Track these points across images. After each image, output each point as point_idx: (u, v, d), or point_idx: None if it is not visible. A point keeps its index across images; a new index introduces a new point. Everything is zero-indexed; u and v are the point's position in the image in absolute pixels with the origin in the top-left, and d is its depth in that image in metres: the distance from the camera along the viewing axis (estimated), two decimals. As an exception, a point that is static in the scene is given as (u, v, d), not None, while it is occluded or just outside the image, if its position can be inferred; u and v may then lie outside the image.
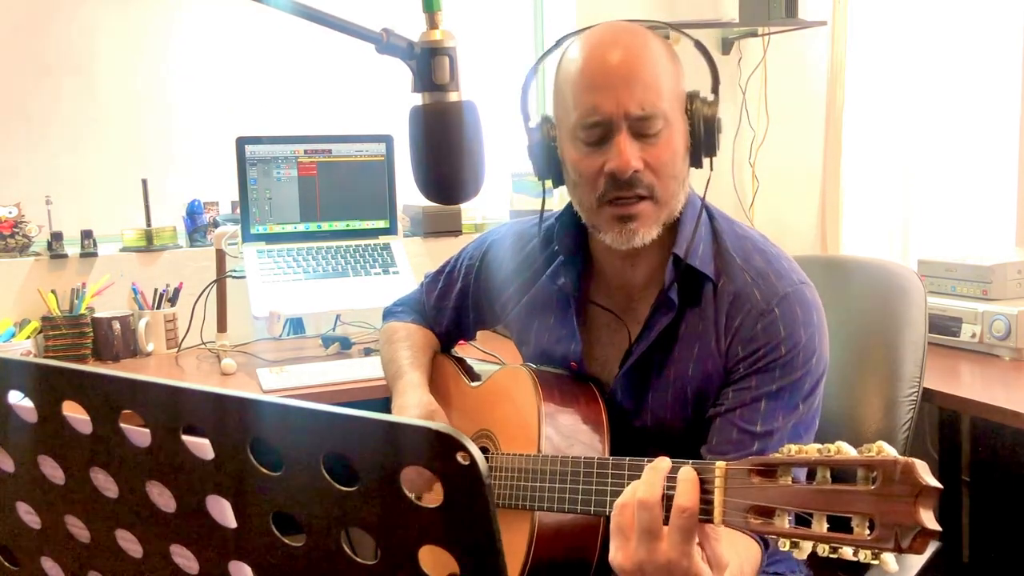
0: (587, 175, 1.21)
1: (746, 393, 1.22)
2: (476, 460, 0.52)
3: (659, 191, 1.20)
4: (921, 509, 0.77)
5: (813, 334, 1.23)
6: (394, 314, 1.69)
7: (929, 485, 0.77)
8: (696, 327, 1.27)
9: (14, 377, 0.68)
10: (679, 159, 1.22)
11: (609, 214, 1.22)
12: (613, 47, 1.19)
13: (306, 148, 2.39)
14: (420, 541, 0.56)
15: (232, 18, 2.70)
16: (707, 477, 0.93)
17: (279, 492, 0.59)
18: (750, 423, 1.21)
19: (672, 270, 1.25)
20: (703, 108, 1.23)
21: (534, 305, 1.44)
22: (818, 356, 1.24)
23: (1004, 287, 2.13)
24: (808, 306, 1.24)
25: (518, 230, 1.51)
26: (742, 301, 1.24)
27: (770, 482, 0.88)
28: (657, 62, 1.20)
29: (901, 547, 0.78)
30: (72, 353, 2.27)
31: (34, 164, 2.56)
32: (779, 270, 1.26)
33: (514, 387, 1.35)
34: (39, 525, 0.71)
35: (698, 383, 1.27)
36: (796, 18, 2.76)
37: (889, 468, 0.79)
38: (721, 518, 0.91)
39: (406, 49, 0.93)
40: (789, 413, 1.22)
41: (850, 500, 0.81)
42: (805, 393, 1.23)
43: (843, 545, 0.81)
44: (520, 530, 1.23)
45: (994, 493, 2.56)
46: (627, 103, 1.16)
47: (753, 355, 1.22)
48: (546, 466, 1.21)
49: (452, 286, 1.59)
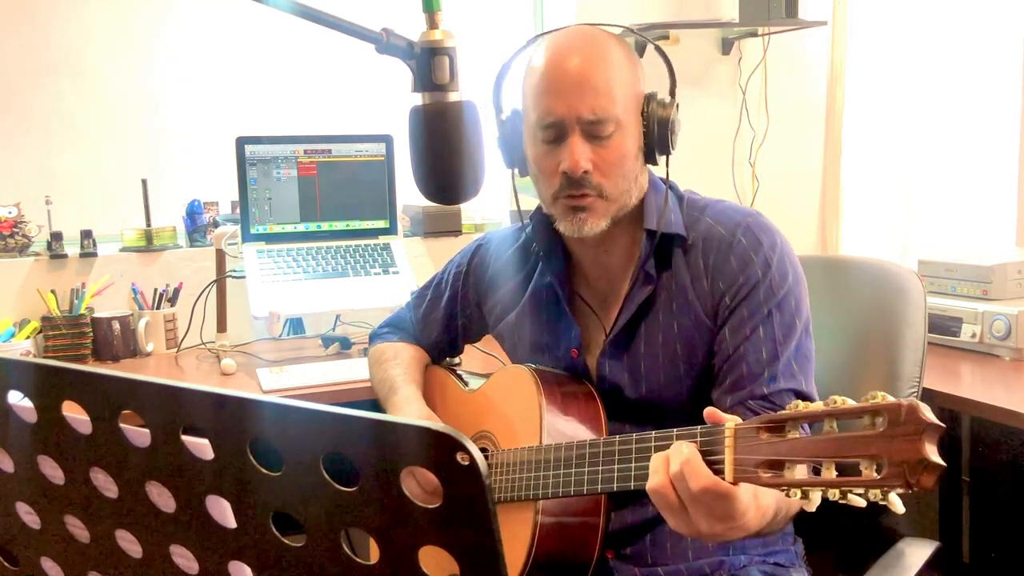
0: (545, 171, 1.30)
1: (741, 328, 1.28)
2: (476, 460, 0.52)
3: (607, 189, 1.28)
4: (927, 444, 0.81)
5: (782, 253, 1.31)
6: (380, 336, 1.70)
7: (933, 422, 0.81)
8: (672, 286, 1.33)
9: (14, 377, 0.68)
10: (629, 160, 1.29)
11: (563, 205, 1.30)
12: (571, 53, 1.26)
13: (306, 148, 2.39)
14: (420, 541, 0.56)
15: (232, 18, 2.70)
16: (716, 439, 0.97)
17: (279, 492, 0.59)
18: (756, 352, 1.27)
19: (648, 244, 1.33)
20: (658, 110, 1.30)
21: (525, 305, 1.47)
22: (794, 272, 1.31)
23: (1004, 287, 2.13)
24: (769, 229, 1.33)
25: (505, 234, 1.57)
26: (708, 241, 1.32)
27: (779, 437, 0.91)
28: (611, 68, 1.26)
29: (909, 483, 0.81)
30: (72, 353, 2.27)
31: (34, 164, 2.56)
32: (733, 207, 1.36)
33: (514, 385, 1.37)
34: (39, 525, 0.71)
35: (685, 335, 1.32)
36: (796, 18, 2.76)
37: (895, 410, 0.82)
38: (732, 476, 0.95)
39: (406, 49, 0.93)
40: (788, 332, 1.28)
41: (858, 444, 0.84)
42: (794, 309, 1.29)
43: (853, 488, 0.84)
44: (522, 526, 1.24)
45: (994, 493, 2.56)
46: (579, 108, 1.24)
47: (734, 286, 1.29)
48: (549, 455, 1.24)
49: (440, 297, 1.62)
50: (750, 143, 3.04)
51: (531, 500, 1.25)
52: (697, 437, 1.01)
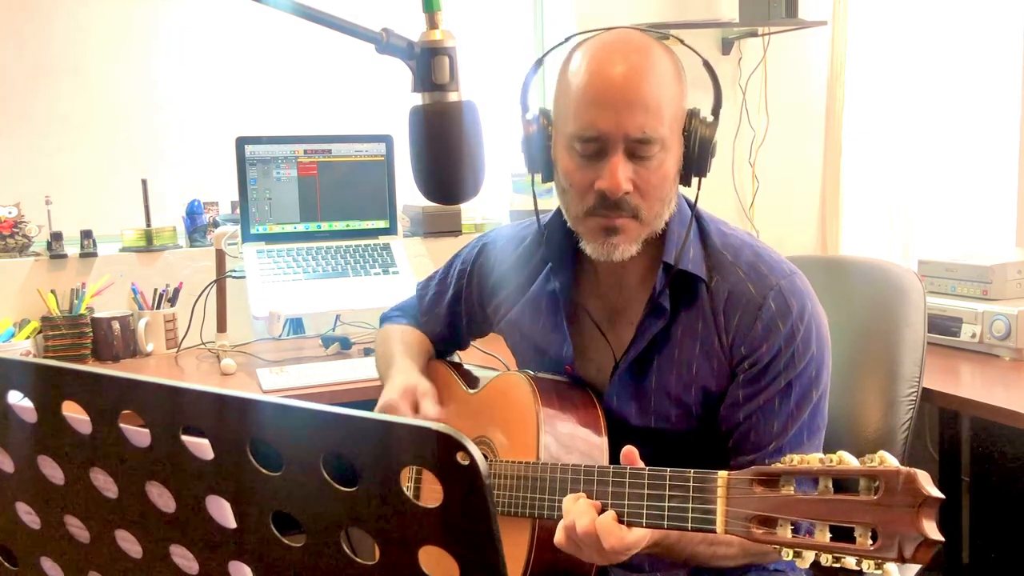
0: (578, 186, 1.21)
1: (756, 396, 1.24)
2: (476, 460, 0.52)
3: (644, 212, 1.21)
4: (924, 519, 0.78)
5: (810, 322, 1.25)
6: (391, 318, 1.69)
7: (931, 495, 0.78)
8: (694, 326, 1.27)
9: (14, 377, 0.68)
10: (669, 182, 1.22)
11: (594, 224, 1.22)
12: (619, 63, 1.17)
13: (306, 148, 2.39)
14: (420, 541, 0.56)
15: (232, 18, 2.70)
16: (709, 487, 0.95)
17: (279, 492, 0.59)
18: (767, 424, 1.23)
19: (663, 278, 1.26)
20: (701, 129, 1.23)
21: (527, 308, 1.43)
22: (818, 341, 1.26)
23: (1004, 287, 2.13)
24: (802, 295, 1.26)
25: (511, 233, 1.51)
26: (737, 297, 1.25)
27: (772, 492, 0.89)
28: (661, 83, 1.18)
29: (904, 557, 0.78)
30: (72, 353, 2.27)
31: (34, 164, 2.56)
32: (769, 263, 1.27)
33: (512, 394, 1.34)
34: (39, 525, 0.71)
35: (703, 381, 1.27)
36: (796, 18, 2.76)
37: (892, 478, 0.79)
38: (724, 527, 0.93)
39: (406, 49, 0.93)
40: (802, 403, 1.24)
41: (852, 510, 0.82)
42: (813, 378, 1.25)
43: (846, 555, 0.82)
44: (520, 537, 1.23)
45: (994, 493, 2.56)
46: (627, 125, 1.16)
47: (756, 352, 1.24)
48: (545, 474, 1.20)
49: (444, 293, 1.59)
50: (750, 143, 3.04)
51: (528, 518, 1.23)
52: (690, 482, 1.00)
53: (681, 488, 1.01)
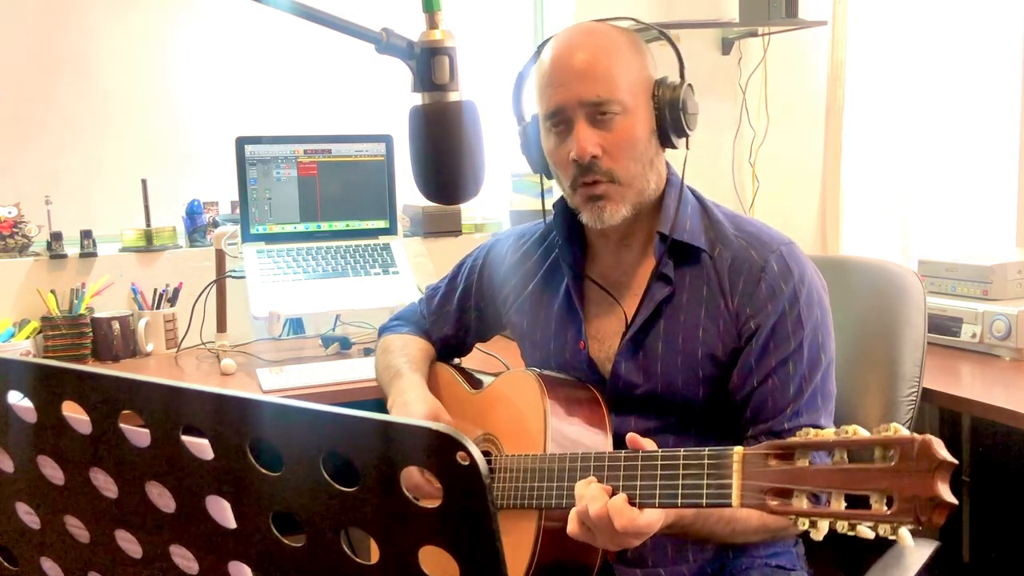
0: (559, 163, 1.32)
1: (767, 359, 1.28)
2: (476, 460, 0.52)
3: (619, 173, 1.29)
4: (939, 482, 0.80)
5: (811, 286, 1.32)
6: (390, 328, 1.70)
7: (946, 460, 0.81)
8: (699, 292, 1.33)
9: (14, 377, 0.68)
10: (640, 143, 1.30)
11: (581, 195, 1.32)
12: (574, 47, 1.30)
13: (306, 148, 2.39)
14: (420, 541, 0.55)
15: (232, 18, 2.70)
16: (724, 463, 0.97)
17: (279, 492, 0.59)
18: (782, 387, 1.28)
19: (660, 247, 1.34)
20: (667, 92, 1.31)
21: (536, 294, 1.48)
22: (821, 308, 1.32)
23: (1004, 287, 2.13)
24: (801, 261, 1.33)
25: (520, 230, 1.58)
26: (740, 262, 1.32)
27: (787, 464, 0.90)
28: (613, 55, 1.29)
29: (920, 519, 0.80)
30: (71, 353, 2.27)
31: (34, 164, 2.56)
32: (769, 233, 1.36)
33: (519, 390, 1.37)
34: (39, 525, 0.71)
35: (708, 341, 1.32)
36: (796, 18, 2.76)
37: (907, 445, 0.82)
38: (739, 501, 0.95)
39: (406, 49, 0.93)
40: (814, 368, 1.29)
41: (868, 477, 0.83)
42: (821, 344, 1.30)
43: (862, 521, 0.83)
44: (525, 530, 1.24)
45: (994, 493, 2.56)
46: (580, 92, 1.26)
47: (761, 313, 1.29)
48: (553, 464, 1.23)
49: (455, 290, 1.63)
50: (750, 143, 3.04)
51: (534, 509, 1.24)
52: (704, 459, 1.01)
53: (696, 466, 1.03)
